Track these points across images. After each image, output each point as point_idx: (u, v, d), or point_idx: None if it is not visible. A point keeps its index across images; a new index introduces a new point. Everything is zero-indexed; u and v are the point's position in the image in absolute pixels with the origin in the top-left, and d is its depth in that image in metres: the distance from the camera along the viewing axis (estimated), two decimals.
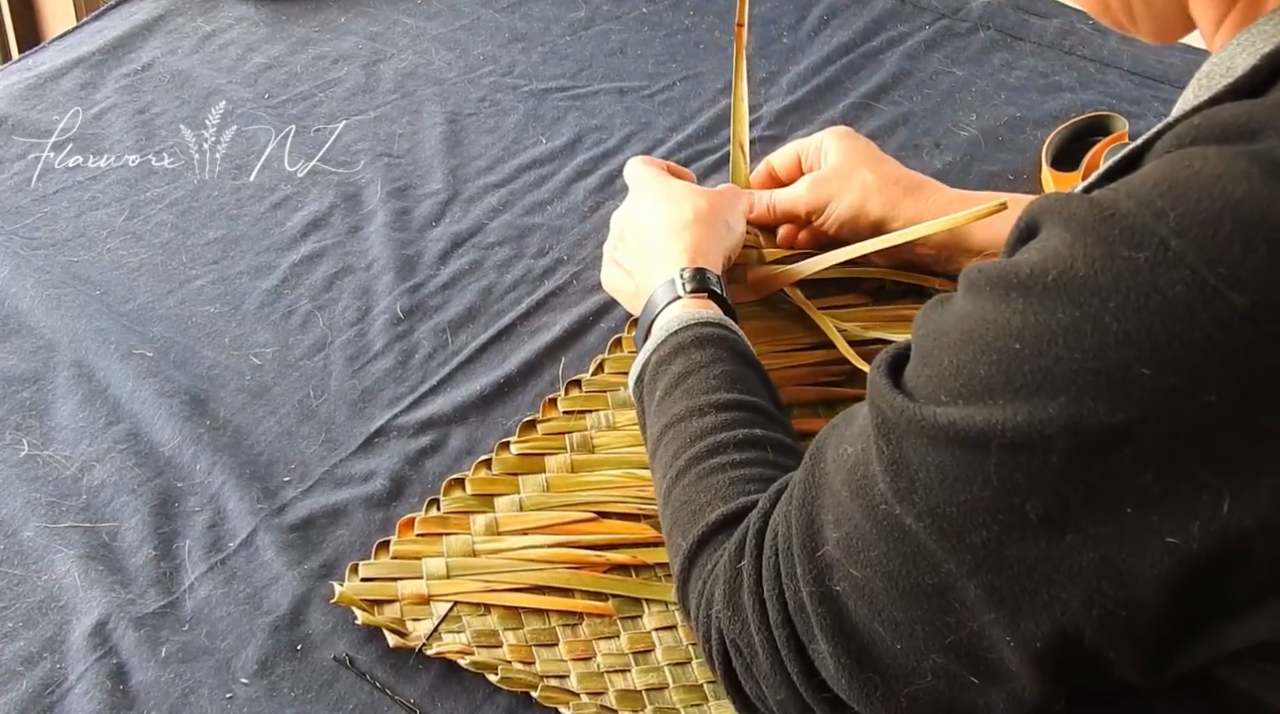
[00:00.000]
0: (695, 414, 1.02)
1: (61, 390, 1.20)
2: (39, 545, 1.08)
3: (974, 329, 0.67)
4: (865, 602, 0.75)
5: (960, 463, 0.67)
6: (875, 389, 0.73)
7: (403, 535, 1.10)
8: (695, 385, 1.05)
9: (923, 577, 0.72)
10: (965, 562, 0.69)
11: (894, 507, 0.71)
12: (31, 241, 1.35)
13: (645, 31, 1.70)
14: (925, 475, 0.69)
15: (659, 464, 1.03)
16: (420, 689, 1.01)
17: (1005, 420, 0.64)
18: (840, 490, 0.77)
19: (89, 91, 1.55)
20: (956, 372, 0.67)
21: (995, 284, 0.67)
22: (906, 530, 0.71)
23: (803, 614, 0.80)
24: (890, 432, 0.71)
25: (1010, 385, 0.64)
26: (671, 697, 1.02)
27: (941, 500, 0.68)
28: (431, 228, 1.39)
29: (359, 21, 1.69)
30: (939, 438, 0.68)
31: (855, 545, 0.75)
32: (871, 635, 0.76)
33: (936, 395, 0.68)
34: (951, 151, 1.52)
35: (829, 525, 0.77)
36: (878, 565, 0.74)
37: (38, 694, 0.99)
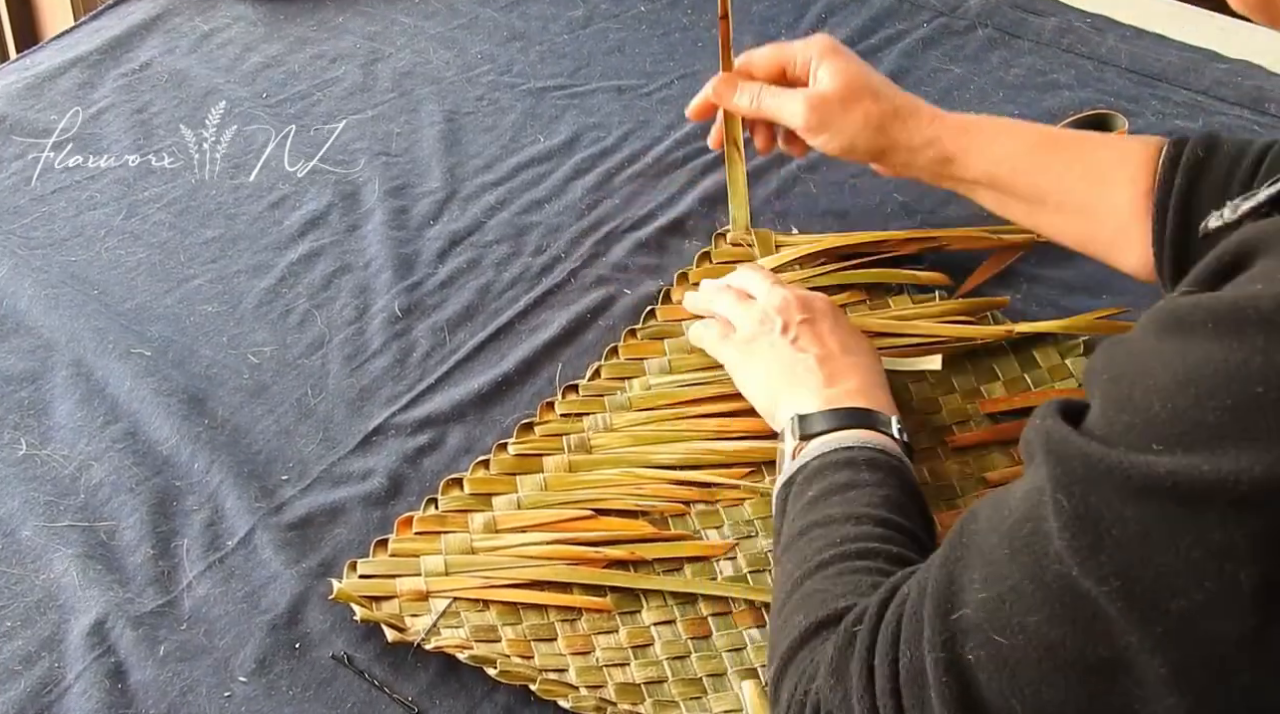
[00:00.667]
0: (851, 520, 0.95)
1: (59, 389, 1.20)
2: (37, 544, 1.08)
3: (1193, 369, 0.61)
4: (1006, 674, 0.68)
5: (1169, 519, 0.60)
6: (1054, 438, 0.66)
7: (401, 534, 1.10)
8: (857, 498, 0.97)
9: (1092, 648, 0.64)
10: (1153, 634, 0.61)
11: (1070, 568, 0.64)
12: (29, 241, 1.35)
13: (643, 30, 1.70)
14: (1120, 533, 0.62)
15: (795, 555, 0.96)
16: (418, 687, 1.01)
17: (1240, 472, 0.57)
18: (997, 549, 0.70)
19: (87, 91, 1.55)
20: (1174, 419, 0.61)
21: (1221, 321, 0.61)
22: (1083, 595, 0.64)
23: (917, 684, 0.73)
24: (1076, 483, 0.64)
25: (1248, 433, 0.58)
26: (670, 689, 1.02)
27: (1137, 562, 0.61)
28: (429, 226, 1.39)
29: (357, 21, 1.69)
30: (1146, 490, 0.61)
31: (1007, 610, 0.68)
32: (1004, 712, 0.69)
33: (1145, 444, 0.61)
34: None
35: (974, 586, 0.71)
36: (1034, 633, 0.66)
37: (36, 693, 0.99)
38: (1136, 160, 1.12)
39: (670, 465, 1.16)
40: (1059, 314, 1.29)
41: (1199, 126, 1.52)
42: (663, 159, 1.49)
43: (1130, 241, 1.13)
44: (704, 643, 1.05)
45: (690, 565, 1.10)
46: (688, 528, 1.12)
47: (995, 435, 1.19)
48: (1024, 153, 1.18)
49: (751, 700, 1.01)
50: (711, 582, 1.09)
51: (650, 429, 1.19)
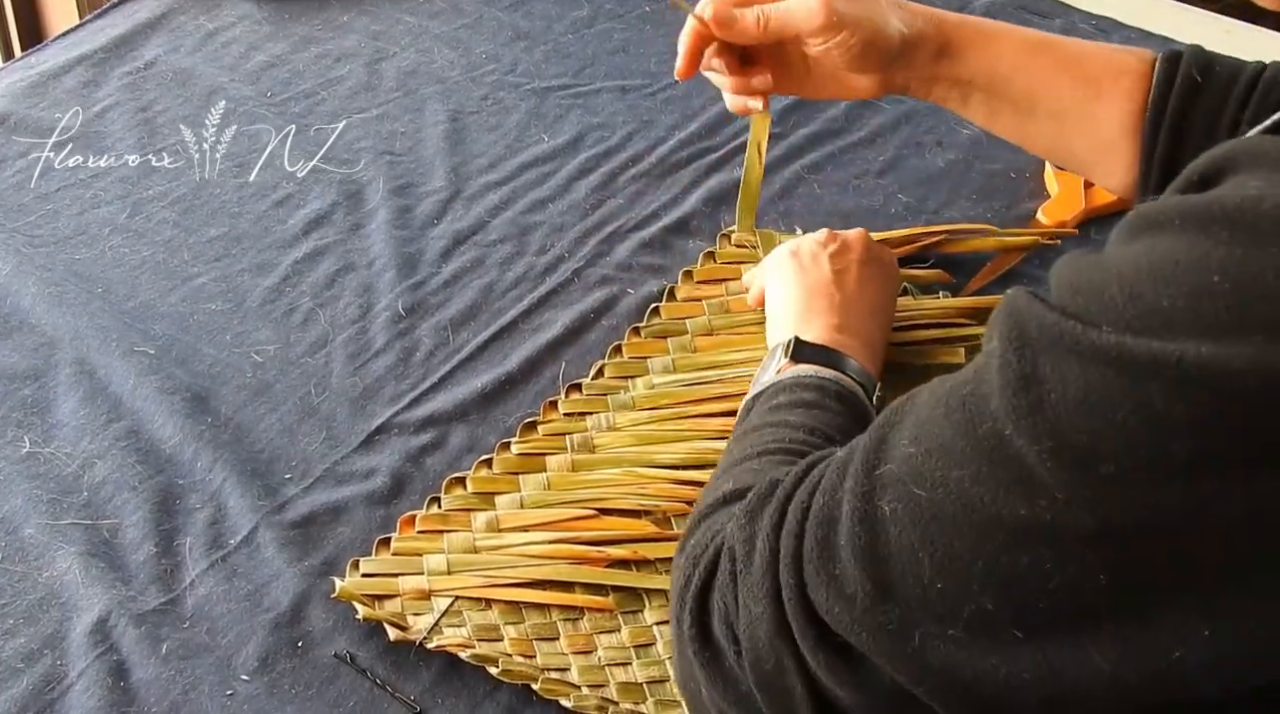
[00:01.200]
0: (805, 430, 0.98)
1: (63, 388, 1.20)
2: (40, 542, 1.08)
3: (1157, 261, 0.61)
4: (918, 527, 0.68)
5: (1110, 386, 0.61)
6: (1014, 304, 0.66)
7: (404, 532, 1.10)
8: (819, 417, 1.01)
9: (1011, 506, 0.64)
10: (1080, 496, 0.62)
11: (1005, 426, 0.64)
12: (33, 239, 1.35)
13: (647, 30, 1.70)
14: (1060, 394, 0.62)
15: (741, 443, 0.99)
16: (421, 686, 1.01)
17: (1185, 354, 0.58)
18: (932, 410, 0.70)
19: (91, 90, 1.55)
20: (1129, 302, 0.61)
21: (1188, 217, 0.62)
22: (1012, 454, 0.64)
23: (827, 528, 0.73)
24: (1027, 345, 0.64)
25: (1200, 321, 0.59)
26: (672, 689, 1.02)
27: (1072, 425, 0.62)
28: (433, 226, 1.39)
29: (361, 20, 1.69)
30: (1092, 356, 0.61)
31: (930, 464, 0.68)
32: (911, 566, 0.69)
33: (1098, 322, 0.62)
34: (954, 149, 1.51)
35: (902, 443, 0.71)
36: (955, 488, 0.67)
37: (38, 691, 0.99)
38: (1131, 75, 1.12)
39: (673, 465, 1.15)
40: None
41: None
42: (667, 159, 1.49)
43: (1118, 159, 1.13)
44: None
45: None
46: None
47: None
48: (1019, 51, 1.15)
49: None
50: None
51: (653, 428, 1.19)
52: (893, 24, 1.13)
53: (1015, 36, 1.16)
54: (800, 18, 1.12)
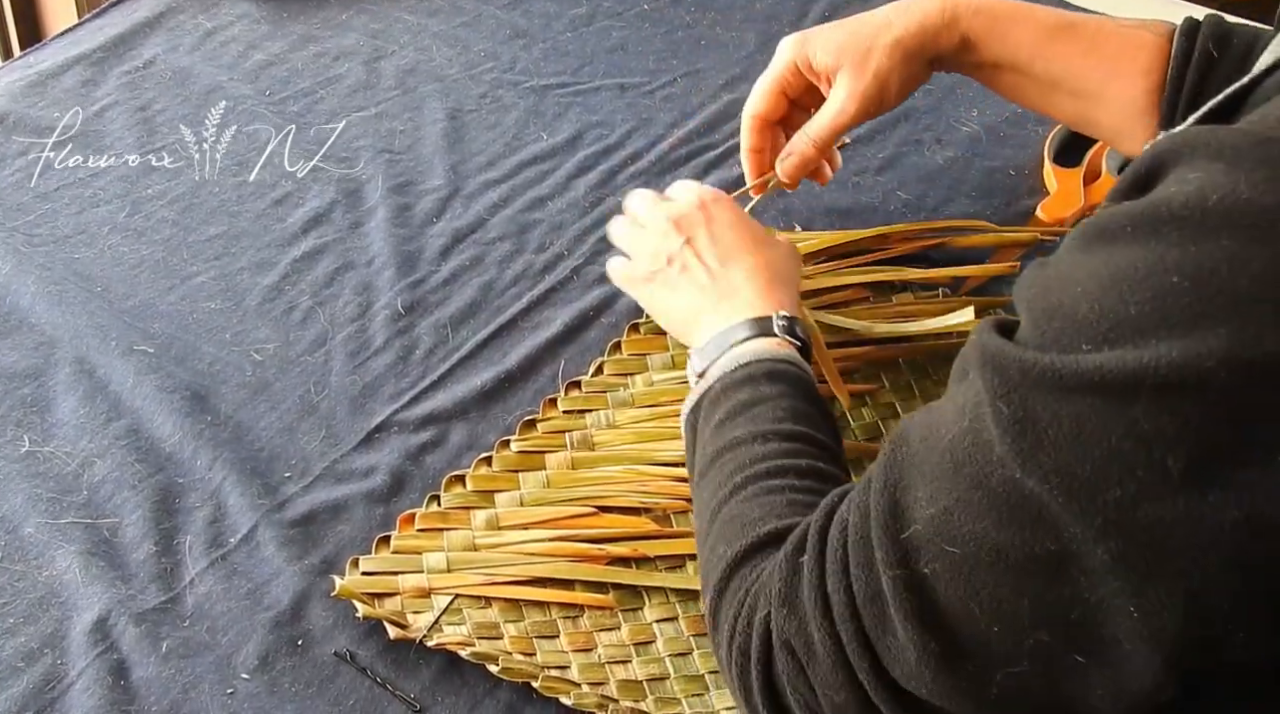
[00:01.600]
0: (759, 440, 0.98)
1: (62, 387, 1.20)
2: (40, 541, 1.08)
3: (1118, 271, 0.63)
4: (961, 581, 0.70)
5: (1100, 413, 0.63)
6: (989, 351, 0.68)
7: (403, 530, 1.10)
8: (761, 414, 1.01)
9: (1040, 544, 0.67)
10: (1094, 525, 0.64)
11: (1013, 471, 0.66)
12: (32, 238, 1.35)
13: (646, 28, 1.70)
14: (1056, 431, 0.64)
15: (709, 482, 0.99)
16: (421, 684, 1.01)
17: (1159, 358, 0.60)
18: (938, 465, 0.72)
19: (90, 89, 1.55)
20: (1100, 317, 0.63)
21: (1139, 223, 0.64)
22: (1027, 495, 0.66)
23: (876, 604, 0.75)
24: (1014, 390, 0.66)
25: (1167, 321, 0.61)
26: (673, 687, 1.02)
27: (1074, 457, 0.64)
28: (432, 224, 1.39)
29: (360, 18, 1.69)
30: (1077, 388, 0.63)
31: (955, 520, 0.70)
32: (965, 618, 0.71)
33: (1075, 345, 0.64)
34: (953, 147, 1.51)
35: (919, 504, 0.73)
36: (984, 539, 0.69)
37: (39, 690, 0.99)
38: (1149, 51, 1.13)
39: (673, 462, 1.16)
40: None
41: None
42: (665, 157, 1.49)
43: (1143, 131, 1.14)
44: (706, 640, 1.05)
45: (692, 562, 1.10)
46: (690, 525, 1.12)
47: None
48: (1038, 38, 1.17)
49: None
50: None
51: (653, 425, 1.19)
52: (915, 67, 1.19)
53: (1033, 21, 1.17)
54: (842, 121, 1.20)
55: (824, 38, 1.20)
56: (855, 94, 1.19)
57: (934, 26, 1.18)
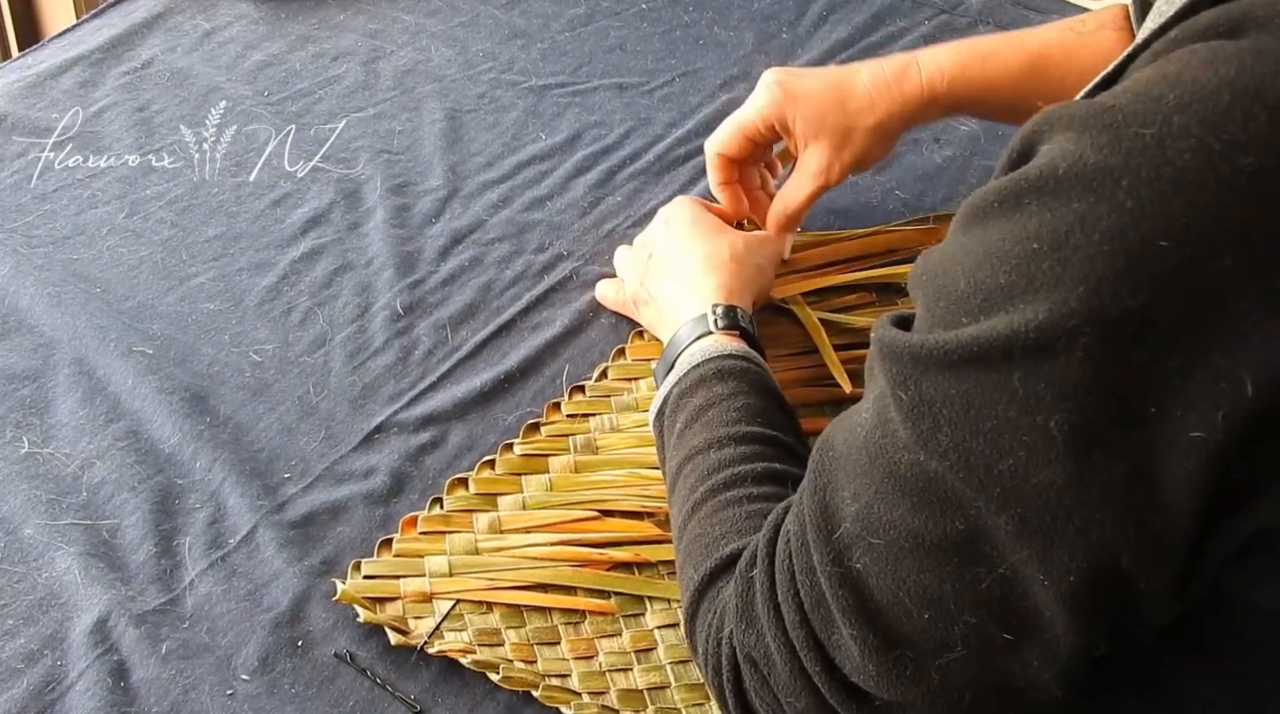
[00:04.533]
0: (714, 446, 1.01)
1: (61, 388, 1.20)
2: (39, 543, 1.08)
3: (990, 246, 0.67)
4: (889, 571, 0.73)
5: (984, 386, 0.66)
6: (884, 343, 0.72)
7: (405, 534, 1.10)
8: (715, 417, 1.03)
9: (951, 525, 0.70)
10: (994, 496, 0.67)
11: (917, 454, 0.70)
12: (31, 239, 1.35)
13: (644, 27, 1.70)
14: (949, 411, 0.68)
15: (677, 498, 1.02)
16: (421, 685, 1.01)
17: (1027, 322, 0.63)
18: (857, 460, 0.75)
19: (88, 90, 1.55)
20: (975, 290, 0.67)
21: (1004, 198, 0.67)
22: (933, 476, 0.69)
23: (821, 607, 0.78)
24: (908, 378, 0.70)
25: (1032, 285, 0.64)
26: (674, 696, 1.02)
27: (967, 433, 0.67)
28: (431, 224, 1.39)
29: (358, 19, 1.69)
30: (960, 362, 0.66)
31: (876, 512, 0.73)
32: (897, 609, 0.74)
33: (956, 320, 0.67)
34: (951, 146, 1.51)
35: (845, 503, 0.76)
36: (901, 525, 0.72)
37: (38, 691, 0.99)
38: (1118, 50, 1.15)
39: None
40: None
41: None
42: (664, 157, 1.49)
43: None
44: None
45: None
46: None
47: None
48: (1016, 81, 1.21)
49: None
50: None
51: None
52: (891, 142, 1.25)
53: (1003, 71, 1.21)
54: (817, 190, 1.25)
55: (807, 106, 1.23)
56: (833, 168, 1.24)
57: (914, 110, 1.23)
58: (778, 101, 1.23)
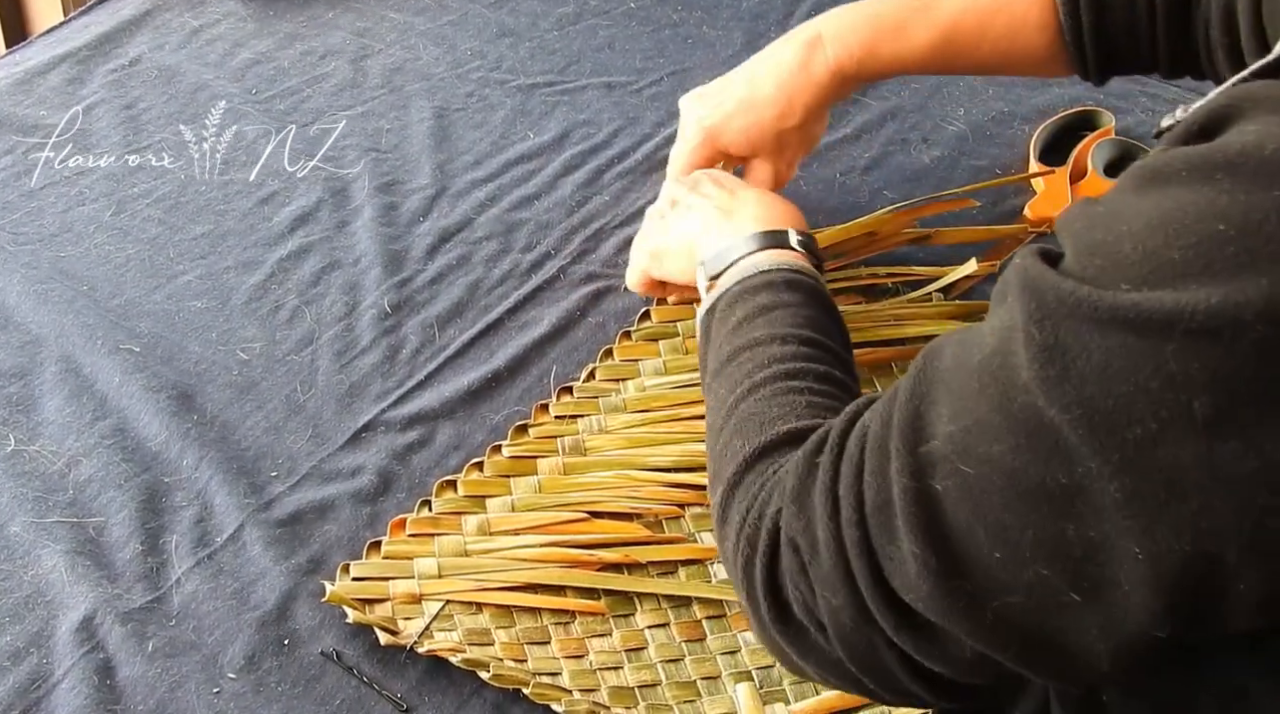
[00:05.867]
0: (778, 341, 0.99)
1: (48, 385, 1.20)
2: (25, 540, 1.08)
3: (1166, 214, 0.63)
4: (970, 501, 0.70)
5: (1131, 350, 0.62)
6: (1030, 275, 0.68)
7: (394, 536, 1.10)
8: (781, 317, 1.02)
9: (1052, 475, 0.66)
10: (1110, 460, 0.63)
11: (1036, 397, 0.66)
12: (18, 237, 1.34)
13: (633, 26, 1.70)
14: (1084, 363, 0.64)
15: (725, 378, 1.00)
16: (407, 684, 1.01)
17: (1197, 303, 0.60)
18: (966, 383, 0.71)
19: (76, 87, 1.54)
20: (1144, 258, 0.63)
21: (1193, 167, 0.63)
22: (1047, 423, 0.66)
23: (885, 513, 0.75)
24: (1048, 317, 0.66)
25: (1209, 268, 0.60)
26: (664, 693, 1.02)
27: (1099, 391, 0.63)
28: (419, 223, 1.39)
29: (346, 17, 1.69)
30: (1112, 322, 0.63)
31: (974, 440, 0.70)
32: (969, 540, 0.71)
33: (1115, 283, 0.63)
34: (940, 146, 1.52)
35: (941, 420, 0.73)
36: (998, 462, 0.68)
37: (24, 689, 0.99)
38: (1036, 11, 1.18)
39: (665, 467, 1.16)
40: None
41: None
42: (652, 156, 1.49)
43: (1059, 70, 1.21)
44: (698, 646, 1.05)
45: (684, 568, 1.10)
46: (682, 530, 1.13)
47: None
48: (923, 60, 1.22)
49: (746, 704, 1.01)
50: (706, 584, 1.09)
51: (645, 431, 1.19)
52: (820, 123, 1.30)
53: (918, 43, 1.22)
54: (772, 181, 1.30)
55: (731, 131, 1.27)
56: (779, 172, 1.30)
57: (829, 92, 1.24)
58: (706, 143, 1.28)
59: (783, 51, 1.25)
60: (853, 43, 1.22)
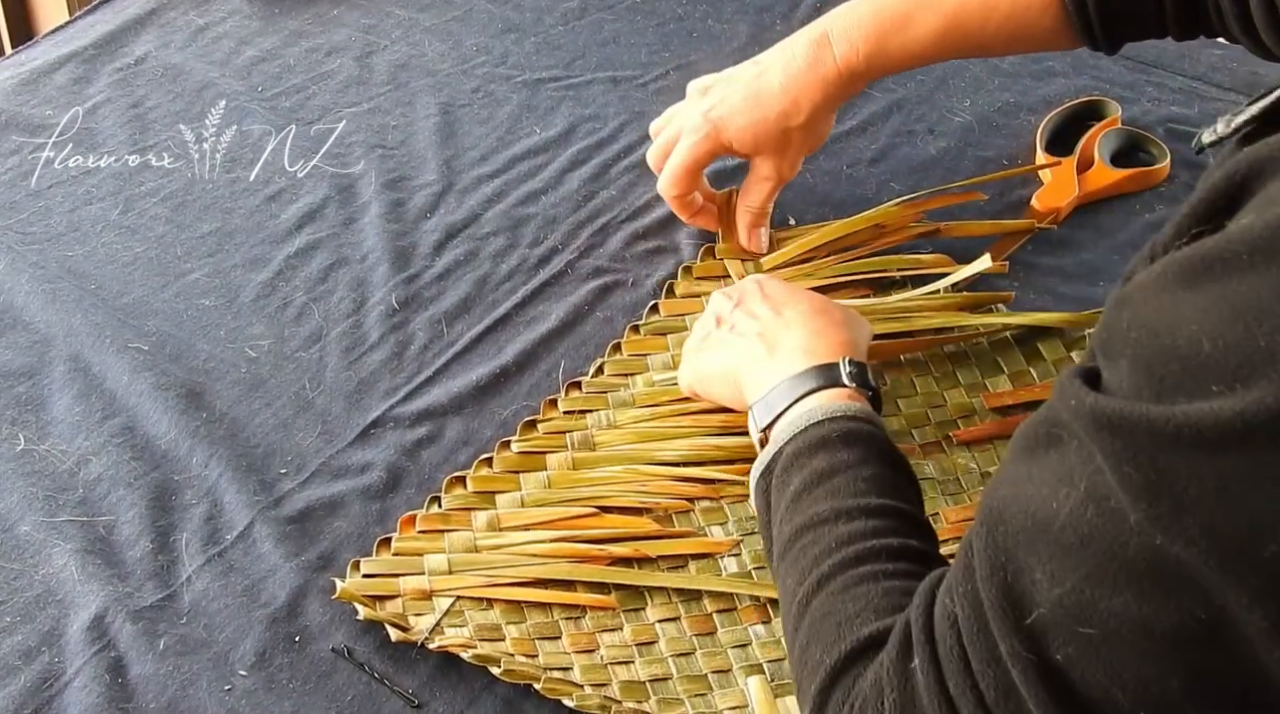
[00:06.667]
0: (843, 517, 0.91)
1: (57, 384, 1.20)
2: (36, 540, 1.08)
3: (1241, 302, 0.58)
4: (1101, 663, 0.65)
5: (1244, 465, 0.57)
6: (1102, 412, 0.63)
7: (404, 532, 1.10)
8: (843, 486, 0.93)
9: (1190, 615, 0.62)
10: (1249, 587, 0.59)
11: (1152, 537, 0.61)
12: (26, 237, 1.34)
13: (638, 20, 1.69)
14: (1198, 490, 0.59)
15: (792, 567, 0.91)
16: (419, 680, 1.01)
17: None
18: (1057, 541, 0.66)
19: (82, 87, 1.54)
20: (1228, 352, 0.58)
21: (1258, 248, 0.59)
22: (1172, 562, 0.61)
23: (1011, 700, 0.70)
24: (1141, 451, 0.61)
25: None
26: (675, 687, 1.02)
27: (1221, 516, 0.58)
28: (426, 219, 1.39)
29: (351, 14, 1.68)
30: (1218, 442, 0.58)
31: (1087, 598, 0.65)
32: (1108, 706, 0.66)
33: (1203, 387, 0.59)
34: (946, 137, 1.51)
35: (1040, 586, 0.67)
36: (1124, 614, 0.64)
37: (36, 688, 0.99)
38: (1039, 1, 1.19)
39: (674, 462, 1.15)
40: (1057, 302, 1.30)
41: (1195, 113, 1.52)
42: None
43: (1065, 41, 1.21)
44: (709, 640, 1.05)
45: (695, 562, 1.10)
46: (692, 524, 1.12)
47: (1001, 429, 1.19)
48: (929, 51, 1.23)
49: (757, 697, 1.01)
50: (716, 578, 1.09)
51: (654, 425, 1.19)
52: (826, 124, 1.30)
53: (924, 34, 1.22)
54: (772, 189, 1.32)
55: (736, 127, 1.27)
56: (782, 170, 1.30)
57: (836, 91, 1.25)
58: (710, 136, 1.28)
59: (790, 49, 1.25)
60: (858, 39, 1.22)
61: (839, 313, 1.14)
